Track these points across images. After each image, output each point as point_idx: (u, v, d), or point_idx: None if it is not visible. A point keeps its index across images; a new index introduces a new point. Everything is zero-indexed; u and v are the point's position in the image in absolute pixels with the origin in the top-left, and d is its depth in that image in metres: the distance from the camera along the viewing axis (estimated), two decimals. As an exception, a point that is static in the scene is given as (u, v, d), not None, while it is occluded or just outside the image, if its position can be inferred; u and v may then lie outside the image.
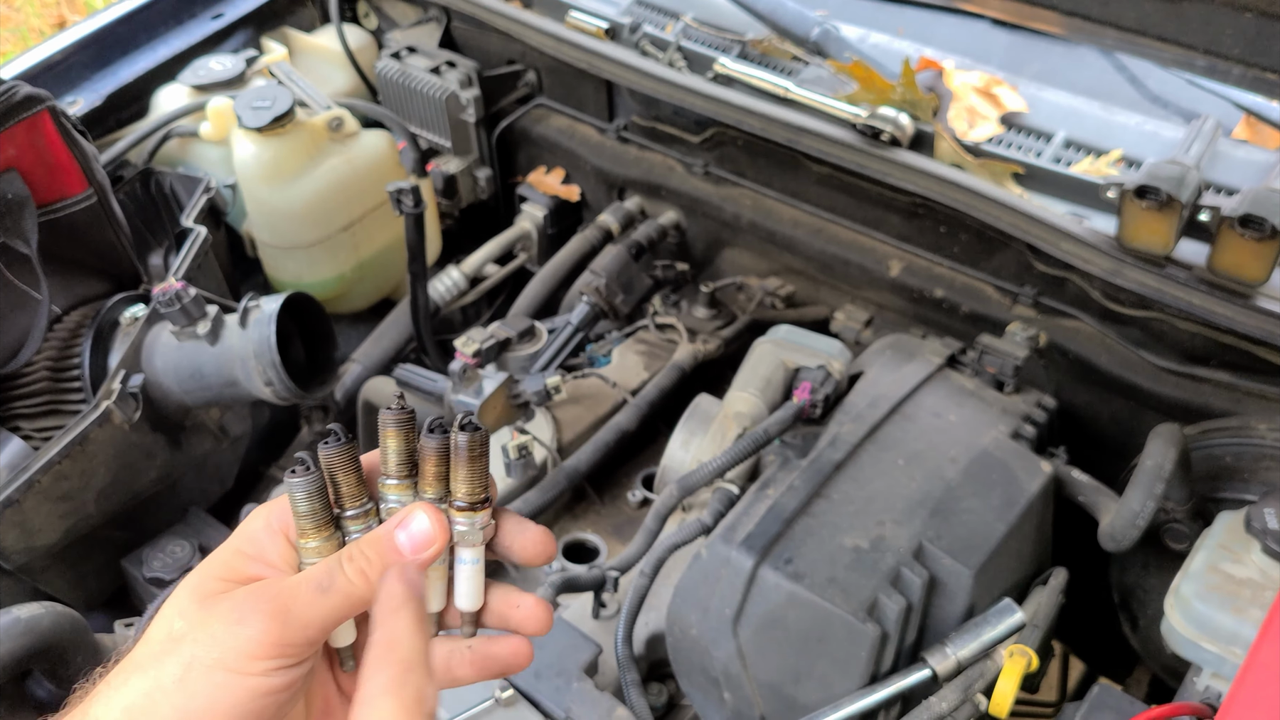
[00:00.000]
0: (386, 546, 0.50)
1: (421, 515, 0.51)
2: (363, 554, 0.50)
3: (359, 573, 0.50)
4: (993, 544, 1.11)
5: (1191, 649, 1.05)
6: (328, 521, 0.51)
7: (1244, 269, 1.17)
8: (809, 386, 1.28)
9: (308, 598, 0.49)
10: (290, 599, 0.48)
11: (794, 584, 1.06)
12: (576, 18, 1.73)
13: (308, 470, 0.50)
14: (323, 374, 1.44)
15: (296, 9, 2.08)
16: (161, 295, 1.34)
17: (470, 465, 0.52)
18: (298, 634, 0.48)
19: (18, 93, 1.40)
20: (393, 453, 0.52)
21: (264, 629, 0.47)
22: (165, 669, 0.47)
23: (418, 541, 0.51)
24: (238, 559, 0.51)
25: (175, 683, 0.47)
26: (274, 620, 0.48)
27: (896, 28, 1.62)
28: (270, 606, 0.48)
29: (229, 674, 0.47)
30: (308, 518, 0.50)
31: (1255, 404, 1.30)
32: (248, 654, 0.47)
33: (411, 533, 0.51)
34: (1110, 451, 1.42)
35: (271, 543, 0.51)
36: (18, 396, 1.48)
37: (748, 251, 1.74)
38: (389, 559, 0.50)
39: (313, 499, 0.50)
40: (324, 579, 0.49)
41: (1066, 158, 1.39)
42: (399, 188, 1.44)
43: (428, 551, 0.51)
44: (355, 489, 0.52)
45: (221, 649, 0.47)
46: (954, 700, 1.04)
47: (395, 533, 0.51)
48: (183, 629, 0.48)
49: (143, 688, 0.47)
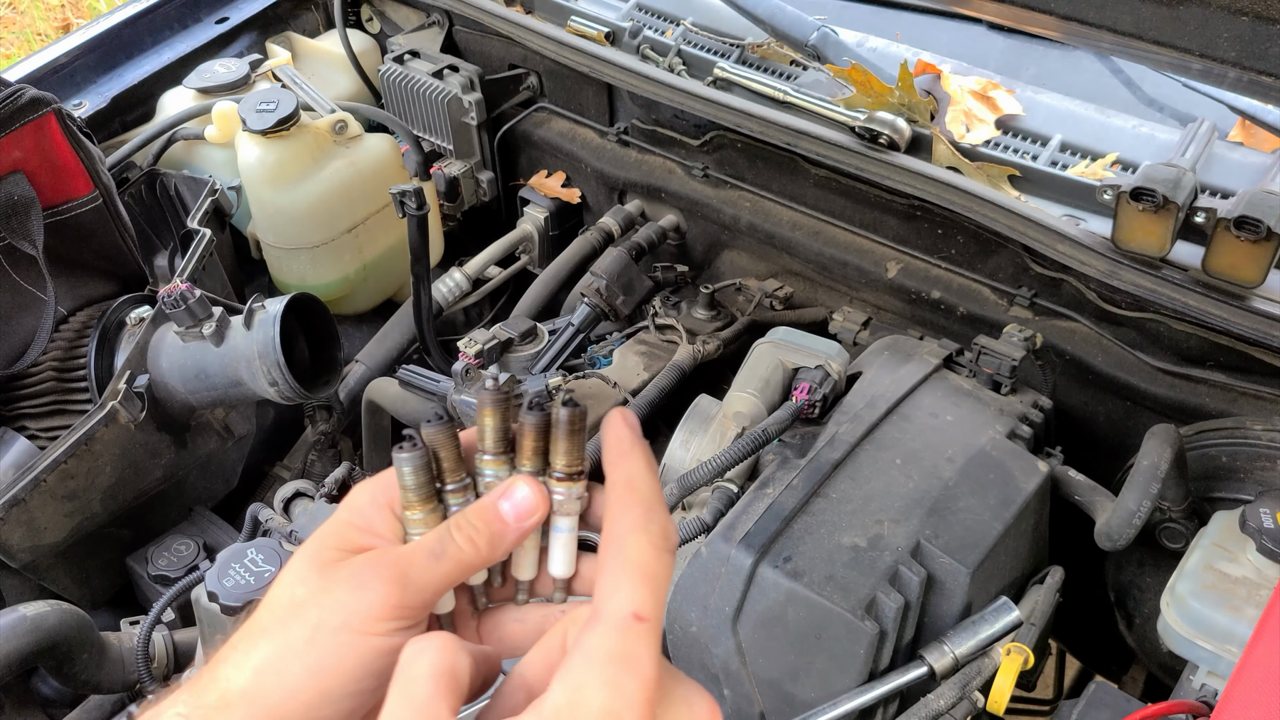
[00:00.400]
0: (492, 515, 0.53)
1: (522, 485, 0.54)
2: (470, 523, 0.53)
3: (467, 540, 0.52)
4: (990, 543, 1.12)
5: (1187, 647, 1.06)
6: (431, 495, 0.54)
7: (1239, 271, 1.18)
8: (807, 387, 1.29)
9: (423, 564, 0.52)
10: (407, 565, 0.51)
11: (793, 582, 1.07)
12: (578, 22, 1.74)
13: (415, 446, 0.53)
14: (326, 374, 1.45)
15: (300, 13, 2.09)
16: (167, 296, 1.36)
17: (570, 438, 0.54)
18: (414, 597, 0.51)
19: (24, 95, 1.42)
20: (490, 430, 0.55)
21: (385, 593, 0.50)
22: (293, 632, 0.50)
23: (521, 510, 0.54)
24: (349, 530, 0.54)
25: (304, 643, 0.50)
26: (393, 585, 0.50)
27: (894, 32, 1.64)
28: (389, 572, 0.51)
29: (354, 635, 0.50)
30: (414, 490, 0.53)
31: (1250, 404, 1.31)
32: (371, 616, 0.50)
33: (515, 501, 0.54)
34: (1106, 451, 1.43)
35: (379, 516, 0.54)
36: (24, 396, 1.49)
37: (747, 253, 1.75)
38: (494, 527, 0.53)
39: (418, 473, 0.53)
40: (436, 546, 0.52)
41: (1062, 160, 1.40)
42: (402, 190, 1.45)
43: (530, 519, 0.54)
44: (455, 464, 0.55)
45: (346, 612, 0.50)
46: (951, 697, 1.04)
47: (499, 502, 0.54)
48: (305, 595, 0.51)
49: (272, 649, 0.50)
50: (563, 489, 0.55)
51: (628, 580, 0.48)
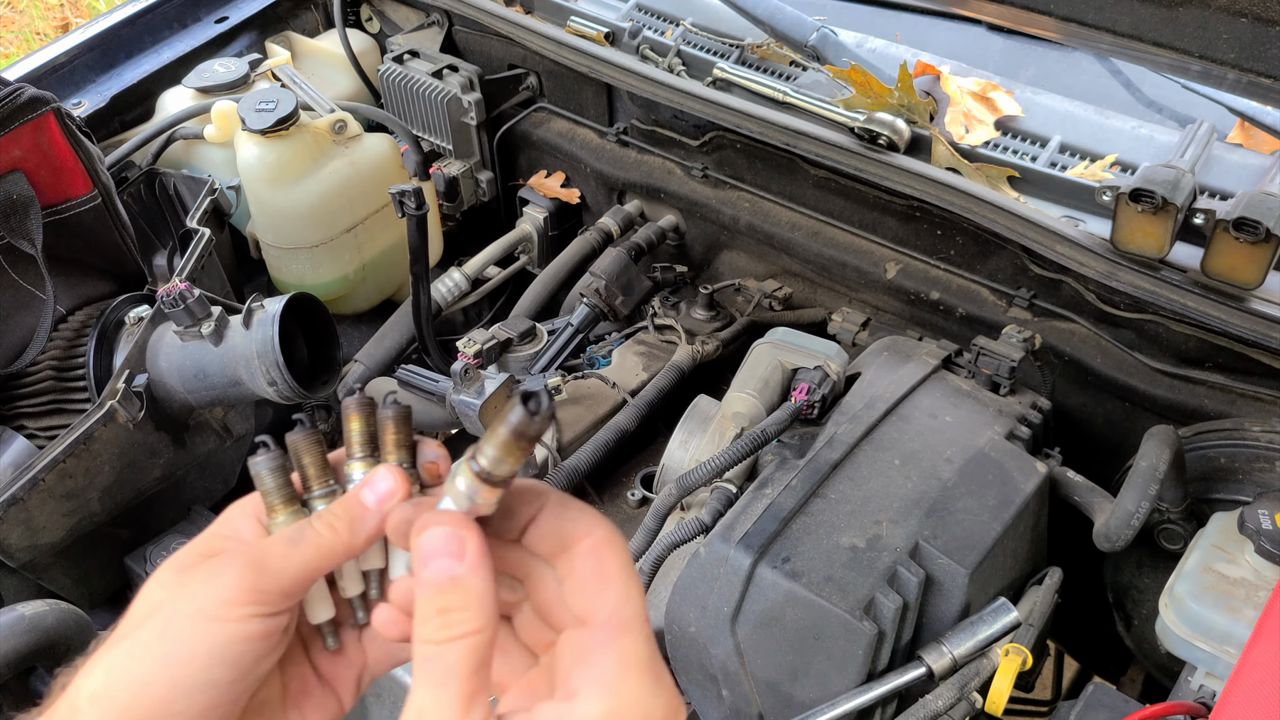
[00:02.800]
0: (351, 501, 0.52)
1: (381, 469, 0.53)
2: (330, 511, 0.52)
3: (327, 526, 0.51)
4: (988, 544, 1.12)
5: (1186, 648, 1.06)
6: (292, 498, 0.54)
7: (1238, 272, 1.18)
8: (806, 387, 1.29)
9: (280, 550, 0.51)
10: (263, 553, 0.51)
11: (791, 582, 1.07)
12: (577, 23, 1.74)
13: (269, 449, 0.53)
14: (325, 374, 1.45)
15: (300, 13, 2.09)
16: (166, 296, 1.35)
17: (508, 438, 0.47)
18: (271, 582, 0.50)
19: (23, 94, 1.41)
20: (355, 434, 0.55)
21: (239, 575, 0.49)
22: (146, 628, 0.49)
23: (381, 494, 0.52)
24: (214, 539, 0.53)
25: (156, 636, 0.49)
26: (248, 569, 0.49)
27: (893, 33, 1.64)
28: (244, 559, 0.50)
29: (208, 620, 0.49)
30: (274, 493, 0.53)
31: (1249, 406, 1.31)
32: (224, 600, 0.49)
33: (375, 487, 0.52)
34: (1105, 452, 1.43)
35: (245, 524, 0.54)
36: (23, 396, 1.49)
37: (746, 254, 1.75)
38: (353, 510, 0.52)
39: (276, 474, 0.53)
40: (294, 534, 0.51)
41: (1062, 162, 1.40)
42: (401, 190, 1.45)
43: (391, 502, 0.52)
44: (319, 470, 0.54)
45: (199, 600, 0.49)
46: (950, 698, 1.04)
47: (360, 492, 0.52)
48: (162, 596, 0.50)
49: (124, 649, 0.49)
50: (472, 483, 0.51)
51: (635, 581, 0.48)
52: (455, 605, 0.45)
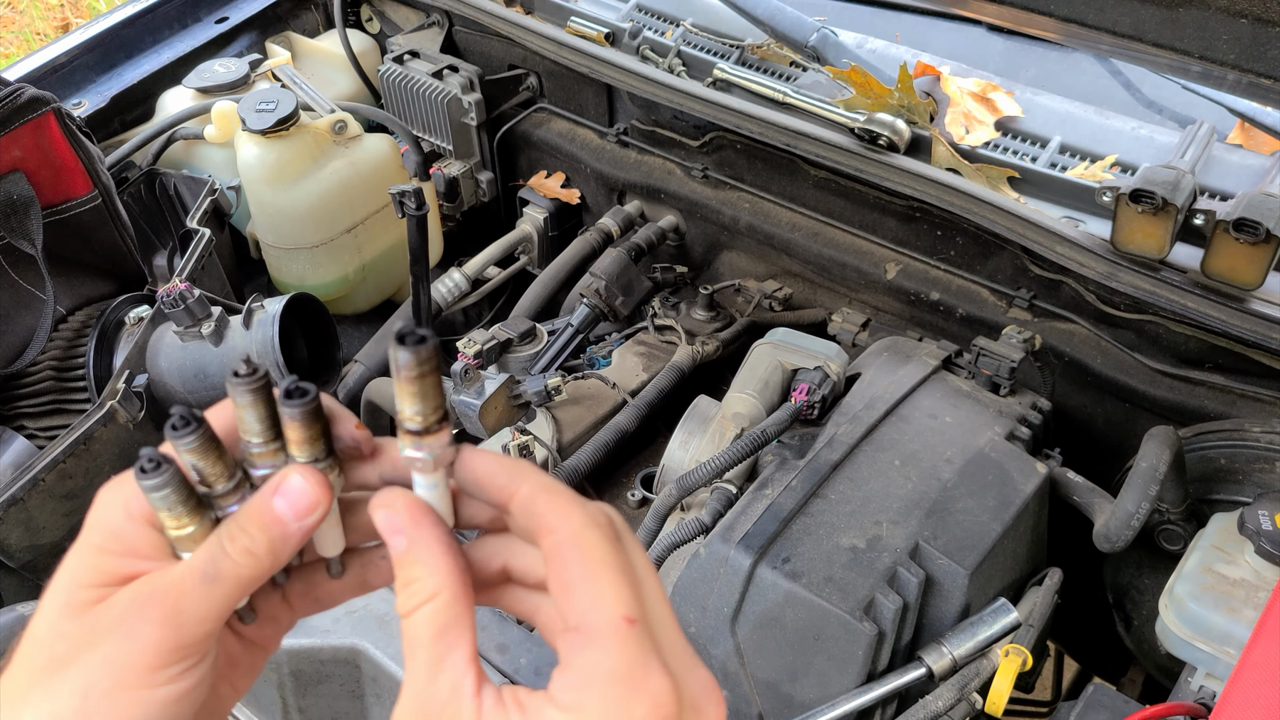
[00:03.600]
0: (268, 518, 0.45)
1: (295, 477, 0.46)
2: (243, 530, 0.45)
3: (244, 552, 0.45)
4: (988, 544, 1.12)
5: (1186, 649, 1.06)
6: (195, 508, 0.46)
7: (1238, 273, 1.18)
8: (806, 388, 1.29)
9: (196, 591, 0.44)
10: (178, 597, 0.44)
11: (791, 583, 1.07)
12: (577, 23, 1.74)
13: (158, 468, 0.44)
14: (326, 374, 1.45)
15: (300, 13, 2.09)
16: (166, 296, 1.35)
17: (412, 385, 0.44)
18: (193, 631, 0.44)
19: (23, 94, 1.41)
20: (251, 420, 0.46)
21: (157, 636, 0.44)
22: (59, 700, 0.43)
23: (299, 507, 0.46)
24: (104, 559, 0.45)
25: (75, 714, 0.43)
26: (165, 625, 0.44)
27: (893, 34, 1.64)
28: (158, 611, 0.44)
29: (131, 692, 0.43)
30: (170, 511, 0.45)
31: (1249, 406, 1.31)
32: (145, 666, 0.43)
33: (291, 498, 0.46)
34: (1105, 453, 1.43)
35: (137, 534, 0.46)
36: (23, 396, 1.49)
37: (746, 254, 1.75)
38: (272, 531, 0.45)
39: (171, 494, 0.44)
40: (209, 567, 0.45)
41: (1062, 162, 1.40)
42: (401, 190, 1.45)
43: (311, 517, 0.46)
44: (218, 466, 0.46)
45: (117, 668, 0.43)
46: (950, 699, 1.04)
47: (273, 500, 0.46)
48: (66, 652, 0.44)
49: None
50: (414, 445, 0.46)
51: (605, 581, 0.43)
52: (411, 576, 0.44)
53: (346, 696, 1.17)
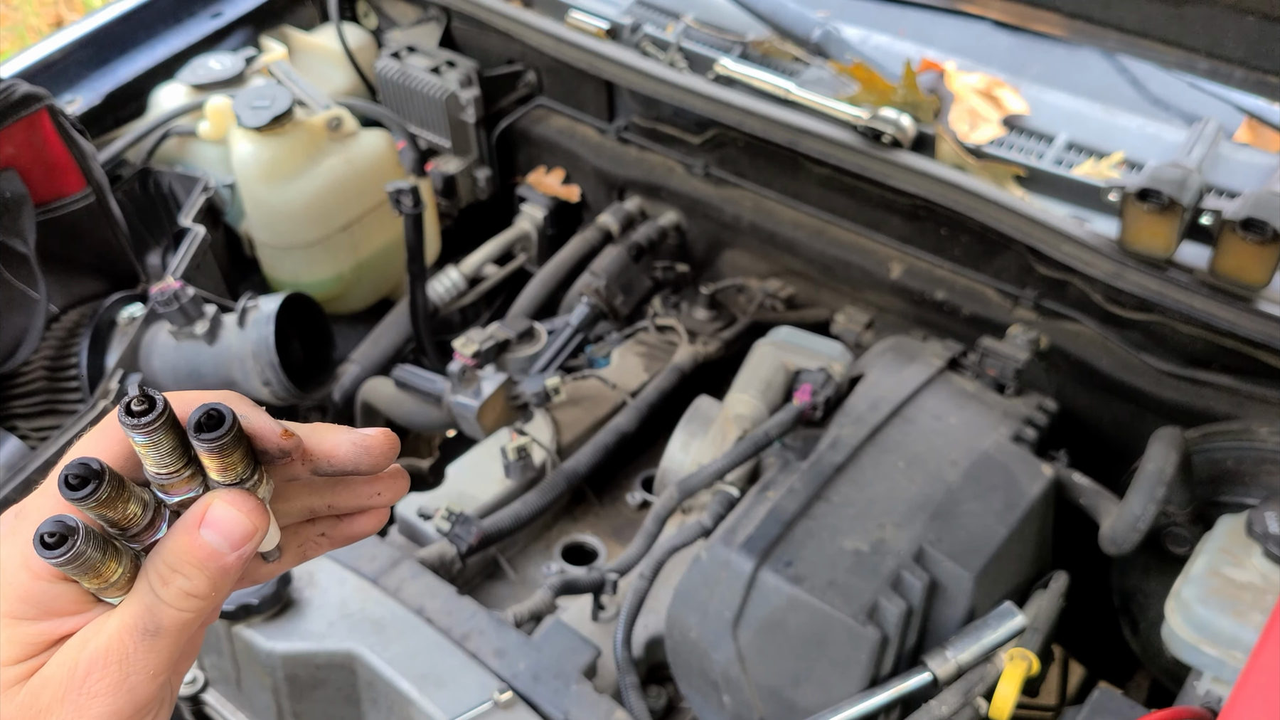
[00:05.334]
0: (201, 554, 0.42)
1: (220, 506, 0.42)
2: (175, 571, 0.42)
3: (181, 595, 0.42)
4: (993, 547, 1.11)
5: (1192, 653, 1.05)
6: (113, 555, 0.42)
7: (1245, 272, 1.17)
8: (809, 389, 1.28)
9: (139, 651, 0.41)
10: (120, 662, 0.41)
11: (794, 587, 1.05)
12: (577, 18, 1.72)
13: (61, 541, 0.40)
14: (321, 374, 1.44)
15: (296, 8, 2.07)
16: (159, 295, 1.34)
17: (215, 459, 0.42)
18: (146, 690, 0.42)
19: (16, 91, 1.40)
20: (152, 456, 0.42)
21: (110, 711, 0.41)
22: None
23: (234, 536, 0.42)
24: (22, 630, 0.41)
25: None
26: (115, 695, 0.41)
27: (898, 29, 1.62)
28: (104, 683, 0.41)
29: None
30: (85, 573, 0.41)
31: (1257, 408, 1.30)
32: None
33: (222, 529, 0.42)
34: (1111, 455, 1.42)
35: (51, 592, 0.42)
36: (15, 396, 1.47)
37: (748, 253, 1.74)
38: (209, 566, 0.42)
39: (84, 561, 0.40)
40: (147, 621, 0.41)
41: (1068, 160, 1.38)
42: (398, 188, 1.44)
43: (250, 544, 0.43)
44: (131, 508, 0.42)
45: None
46: (954, 704, 1.03)
47: (201, 533, 0.42)
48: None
49: None
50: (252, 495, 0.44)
51: None
52: None
53: (342, 702, 1.16)
